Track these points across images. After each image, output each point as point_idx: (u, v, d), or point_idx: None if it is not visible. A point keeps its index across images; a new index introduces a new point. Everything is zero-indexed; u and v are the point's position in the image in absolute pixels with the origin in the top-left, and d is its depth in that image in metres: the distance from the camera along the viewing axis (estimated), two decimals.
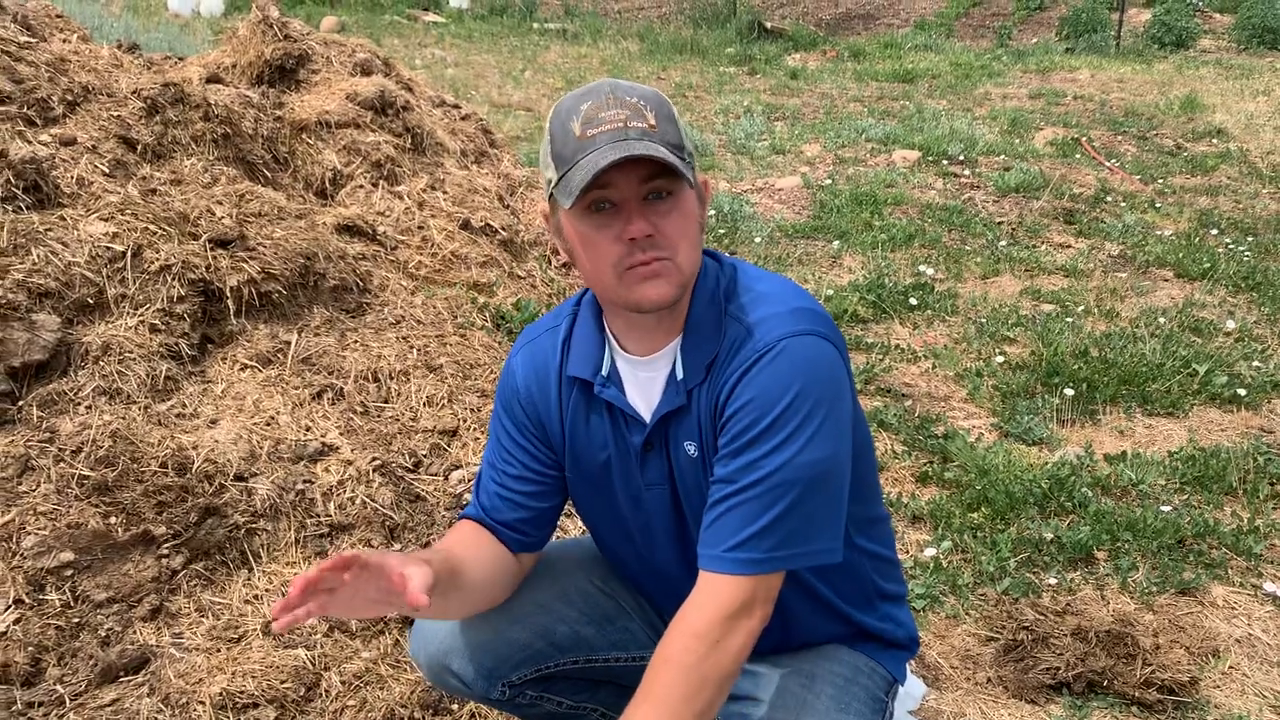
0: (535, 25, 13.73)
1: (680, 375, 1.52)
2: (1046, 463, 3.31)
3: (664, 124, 1.41)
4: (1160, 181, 6.91)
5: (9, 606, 2.13)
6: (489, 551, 1.66)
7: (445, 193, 4.12)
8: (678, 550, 1.66)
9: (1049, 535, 2.89)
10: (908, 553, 2.88)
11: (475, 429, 3.00)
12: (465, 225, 4.00)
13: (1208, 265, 5.22)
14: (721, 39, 12.70)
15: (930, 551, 2.85)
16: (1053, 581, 2.74)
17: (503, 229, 4.14)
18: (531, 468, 1.68)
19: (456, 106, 5.05)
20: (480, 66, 10.91)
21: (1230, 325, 4.48)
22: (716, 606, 1.43)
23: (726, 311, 1.52)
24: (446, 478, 2.83)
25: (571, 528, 2.80)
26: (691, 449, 1.54)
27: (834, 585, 1.66)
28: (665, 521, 1.64)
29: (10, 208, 2.68)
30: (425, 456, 2.88)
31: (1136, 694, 2.30)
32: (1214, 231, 5.86)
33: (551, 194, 1.45)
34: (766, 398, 1.43)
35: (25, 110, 3.02)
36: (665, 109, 1.43)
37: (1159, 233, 5.84)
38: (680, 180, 1.39)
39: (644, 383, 1.57)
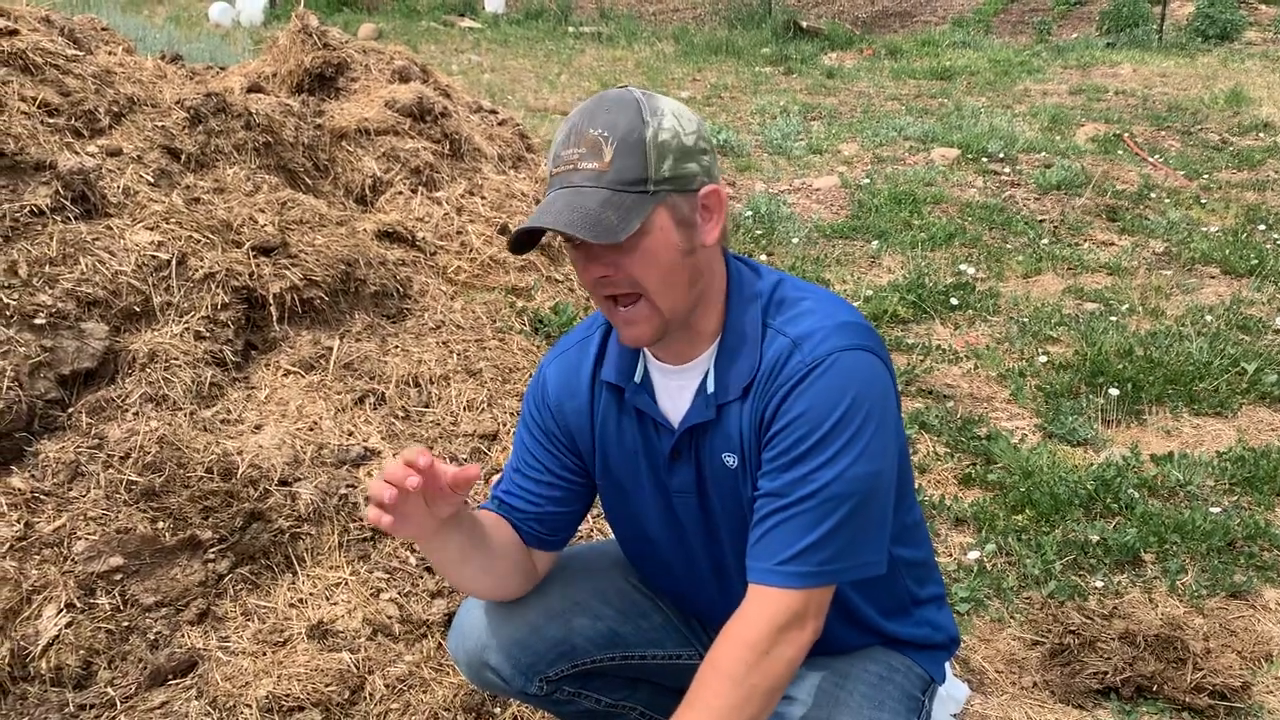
0: (570, 29, 13.77)
1: (710, 389, 1.52)
2: (1091, 464, 3.26)
3: (622, 159, 1.37)
4: (1205, 177, 6.80)
5: (61, 610, 2.17)
6: (508, 533, 1.68)
7: (483, 198, 4.14)
8: (705, 558, 1.66)
9: (1095, 537, 2.85)
10: (950, 555, 2.85)
11: (515, 433, 3.01)
12: (503, 230, 4.02)
13: (1255, 261, 5.12)
14: (757, 39, 12.66)
15: (974, 554, 2.82)
16: (1099, 584, 2.70)
17: None
18: (557, 474, 1.69)
19: (493, 111, 5.07)
20: (516, 71, 10.96)
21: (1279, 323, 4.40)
22: (768, 618, 1.43)
23: (769, 325, 1.51)
24: (487, 482, 2.85)
25: (596, 533, 2.80)
26: (731, 460, 1.54)
27: (870, 599, 1.66)
28: (694, 529, 1.64)
29: (59, 218, 2.73)
30: (465, 460, 2.89)
31: (1187, 699, 2.27)
32: (1261, 227, 5.75)
33: None
34: (817, 412, 1.43)
35: (73, 122, 3.07)
36: (634, 135, 1.38)
37: (1204, 229, 5.74)
38: (609, 231, 1.35)
39: (674, 391, 1.57)
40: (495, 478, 2.85)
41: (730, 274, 1.56)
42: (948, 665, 1.82)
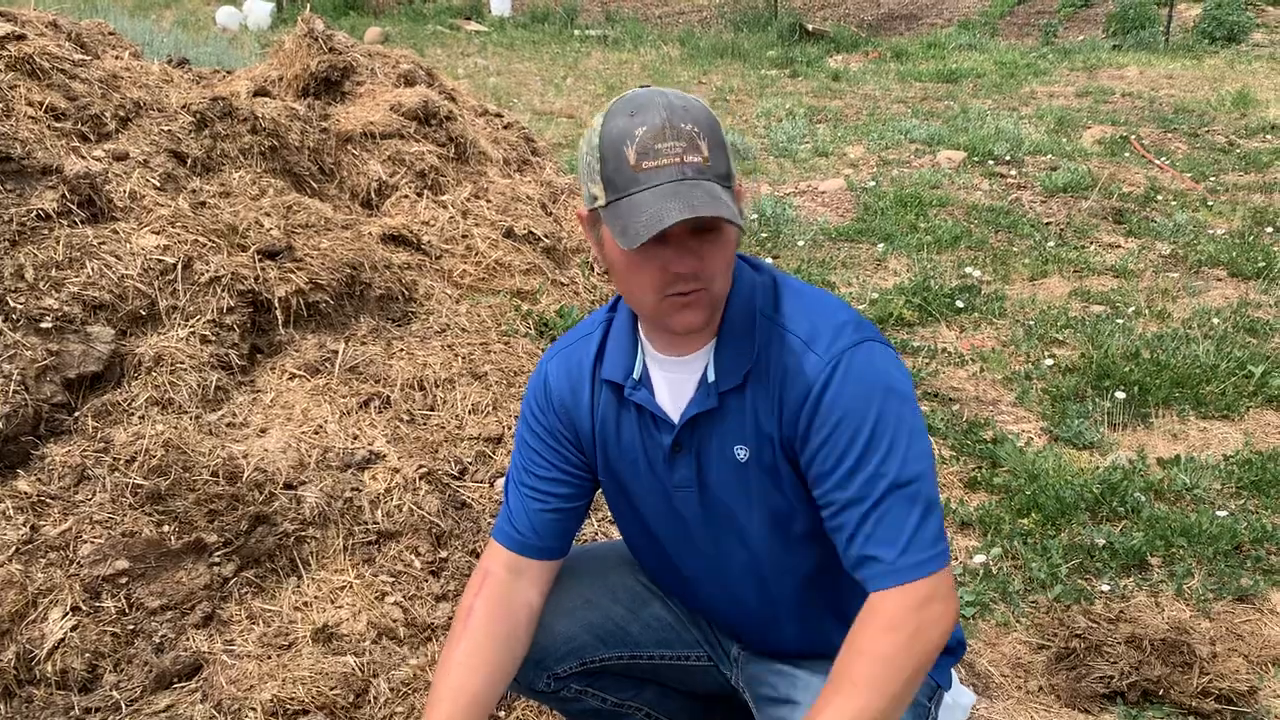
0: (576, 32, 13.78)
1: (712, 378, 1.53)
2: (1098, 467, 3.25)
3: (715, 154, 1.39)
4: (1212, 179, 6.78)
5: (66, 614, 2.17)
6: (508, 632, 1.66)
7: (488, 201, 4.15)
8: (707, 554, 1.66)
9: (1101, 541, 2.85)
10: (956, 559, 2.84)
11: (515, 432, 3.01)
12: (508, 233, 4.02)
13: (1263, 264, 5.11)
14: (763, 42, 12.66)
15: (980, 558, 2.82)
16: (1105, 588, 2.69)
17: (545, 236, 4.16)
18: (564, 469, 1.70)
19: (499, 115, 5.08)
20: (522, 74, 10.97)
21: None
22: (903, 606, 1.42)
23: (769, 318, 1.53)
24: (492, 485, 2.85)
25: (601, 535, 2.80)
26: (742, 453, 1.55)
27: None
28: (695, 524, 1.64)
29: (65, 222, 2.74)
30: (471, 464, 2.89)
31: (1193, 703, 2.26)
32: (1269, 229, 5.74)
33: (599, 211, 1.43)
34: (858, 412, 1.44)
35: (79, 126, 3.09)
36: (716, 134, 1.41)
37: (1211, 231, 5.73)
38: (732, 223, 1.39)
39: (674, 384, 1.58)
40: (501, 480, 2.85)
41: (734, 269, 1.57)
42: (953, 671, 1.81)
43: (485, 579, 1.68)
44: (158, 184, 3.08)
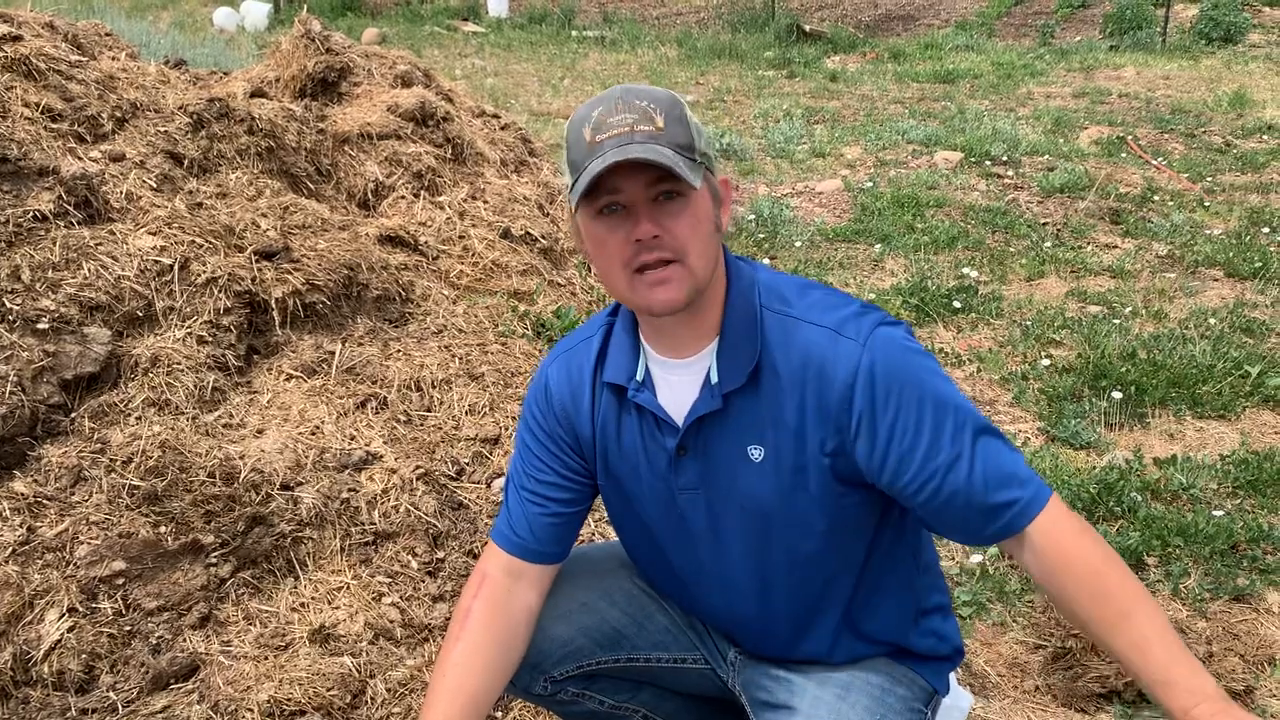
0: (574, 33, 13.79)
1: (714, 379, 1.53)
2: (1094, 467, 3.26)
3: (672, 126, 1.42)
4: (1209, 179, 6.79)
5: (63, 615, 2.17)
6: (506, 635, 1.67)
7: (485, 202, 4.15)
8: (709, 556, 1.66)
9: None
10: (953, 559, 2.85)
11: (515, 435, 3.01)
12: (505, 234, 4.02)
13: (1259, 264, 5.11)
14: (760, 43, 12.67)
15: (976, 558, 2.82)
16: None
17: (542, 237, 4.16)
18: (563, 474, 1.69)
19: (496, 116, 5.08)
20: (520, 75, 10.98)
21: None
22: (1062, 515, 1.46)
23: (778, 313, 1.53)
24: (489, 485, 2.85)
25: (598, 536, 2.80)
26: (756, 453, 1.54)
27: (879, 610, 1.65)
28: (699, 527, 1.64)
29: (62, 223, 2.74)
30: (467, 464, 2.89)
31: None
32: (1265, 230, 5.74)
33: (570, 199, 1.47)
34: (913, 384, 1.47)
35: (76, 127, 3.08)
36: (676, 110, 1.44)
37: (1208, 232, 5.73)
38: (684, 181, 1.40)
39: (677, 386, 1.57)
40: (498, 481, 2.85)
41: (729, 268, 1.57)
42: (953, 675, 1.81)
43: (483, 581, 1.68)
44: (154, 185, 3.08)
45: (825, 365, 1.48)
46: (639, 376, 1.59)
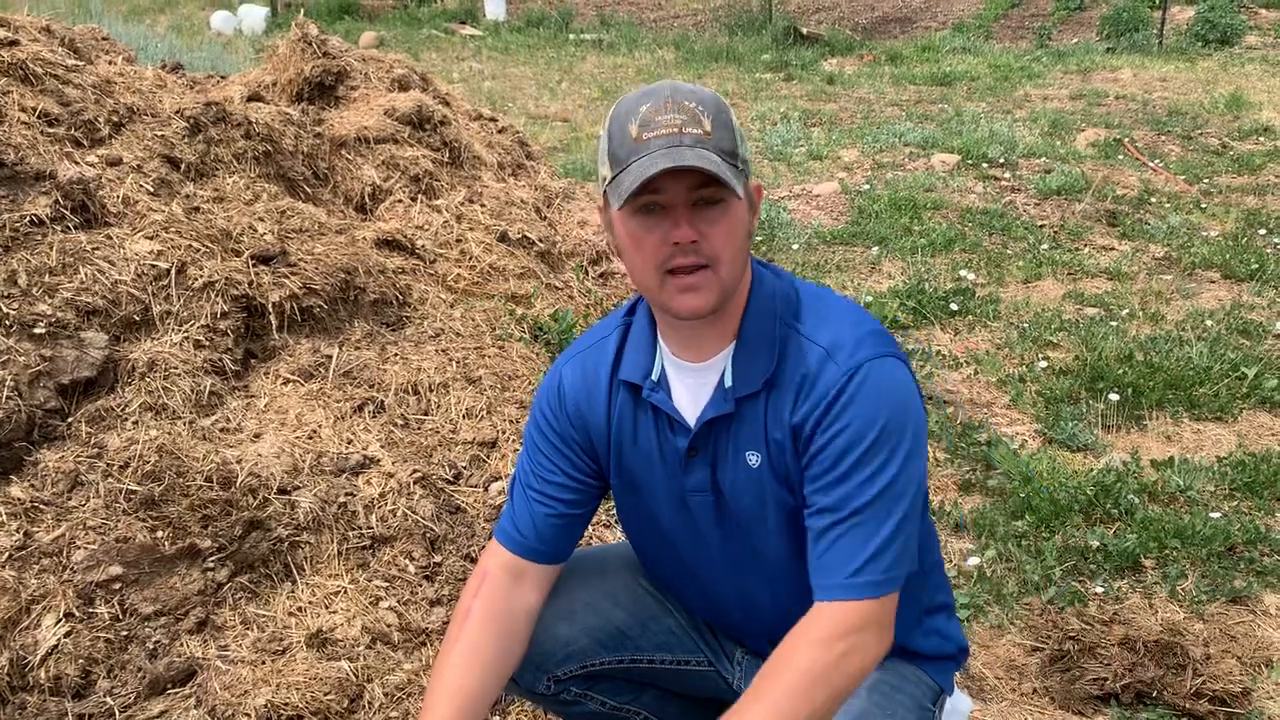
0: (571, 36, 13.79)
1: (729, 384, 1.53)
2: (1092, 469, 3.26)
3: (719, 130, 1.42)
4: (1206, 181, 6.80)
5: (60, 620, 2.17)
6: (506, 633, 1.66)
7: (483, 206, 4.15)
8: (719, 558, 1.66)
9: (1095, 543, 2.85)
10: (951, 562, 2.85)
11: (514, 440, 3.01)
12: (503, 237, 4.02)
13: (1256, 266, 5.12)
14: (757, 45, 12.67)
15: (974, 560, 2.82)
16: (1099, 590, 2.70)
17: (540, 240, 4.16)
18: (572, 476, 1.69)
19: (493, 119, 5.08)
20: (517, 78, 10.98)
21: None
22: (841, 623, 1.44)
23: (790, 326, 1.53)
24: (486, 489, 2.85)
25: (595, 539, 2.80)
26: (754, 459, 1.55)
27: None
28: (708, 528, 1.64)
29: (59, 227, 2.74)
30: (465, 468, 2.89)
31: (1187, 705, 2.26)
32: (1262, 231, 5.75)
33: (605, 191, 1.46)
34: (862, 424, 1.45)
35: (73, 131, 3.08)
36: (723, 115, 1.43)
37: (1205, 233, 5.74)
38: (730, 189, 1.40)
39: (693, 389, 1.58)
40: (495, 484, 2.85)
41: (752, 272, 1.58)
42: (953, 677, 1.81)
43: (484, 580, 1.68)
44: (151, 189, 3.08)
45: (807, 384, 1.49)
46: (654, 376, 1.60)
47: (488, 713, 1.66)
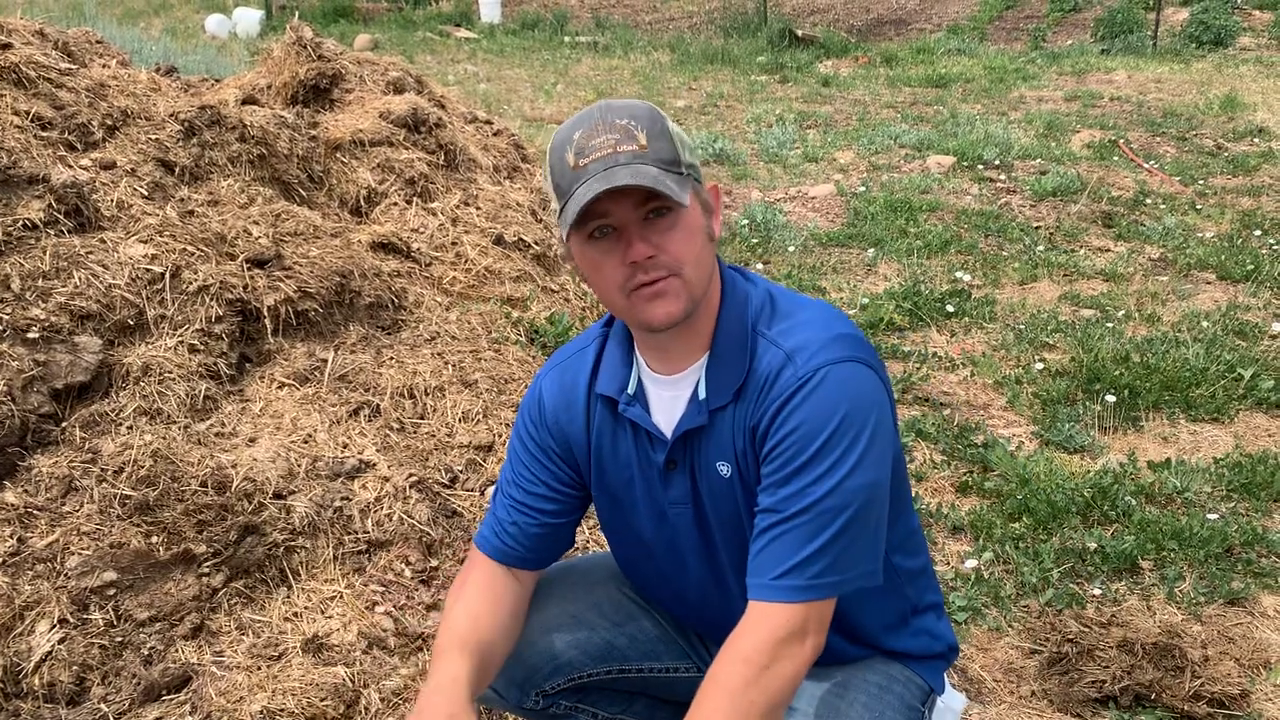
0: (566, 38, 13.79)
1: (703, 395, 1.53)
2: (1089, 471, 3.26)
3: (655, 141, 1.41)
4: (1201, 183, 6.81)
5: (54, 626, 2.16)
6: (504, 600, 1.67)
7: (478, 208, 4.14)
8: (703, 570, 1.66)
9: (1092, 545, 2.85)
10: (948, 564, 2.84)
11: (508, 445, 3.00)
12: (498, 240, 4.02)
13: (1251, 267, 5.13)
14: (752, 48, 12.68)
15: (971, 563, 2.82)
16: (1097, 592, 2.69)
17: (535, 243, 4.16)
18: (553, 487, 1.69)
19: (489, 122, 5.08)
20: (512, 81, 10.97)
21: (1276, 328, 4.39)
22: (768, 632, 1.42)
23: (759, 334, 1.52)
24: (482, 493, 2.84)
25: (593, 544, 2.79)
26: (724, 469, 1.54)
27: (869, 609, 1.65)
28: (690, 540, 1.64)
29: (52, 231, 2.73)
30: (461, 472, 2.88)
31: (1185, 707, 2.26)
32: (1257, 233, 5.76)
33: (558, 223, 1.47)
34: (811, 427, 1.43)
35: (66, 135, 3.07)
36: (658, 125, 1.43)
37: (1200, 235, 5.75)
38: (673, 199, 1.39)
39: (668, 401, 1.57)
40: (492, 488, 2.84)
41: (724, 280, 1.56)
42: (945, 676, 1.81)
43: (468, 579, 1.69)
44: (145, 193, 3.07)
45: (766, 389, 1.48)
46: (631, 389, 1.59)
47: (497, 664, 1.63)
